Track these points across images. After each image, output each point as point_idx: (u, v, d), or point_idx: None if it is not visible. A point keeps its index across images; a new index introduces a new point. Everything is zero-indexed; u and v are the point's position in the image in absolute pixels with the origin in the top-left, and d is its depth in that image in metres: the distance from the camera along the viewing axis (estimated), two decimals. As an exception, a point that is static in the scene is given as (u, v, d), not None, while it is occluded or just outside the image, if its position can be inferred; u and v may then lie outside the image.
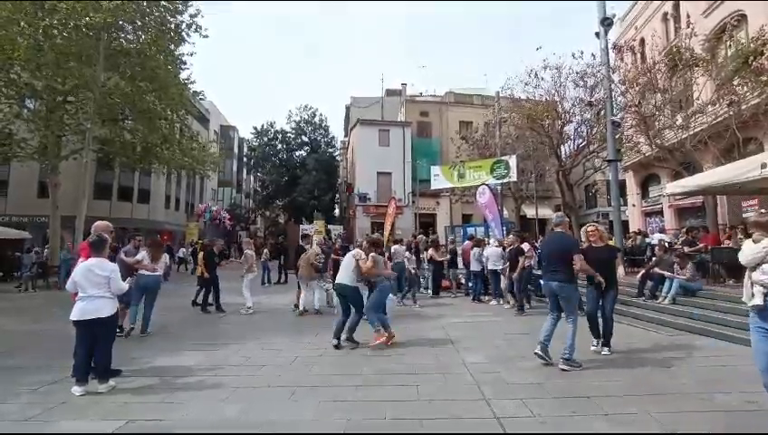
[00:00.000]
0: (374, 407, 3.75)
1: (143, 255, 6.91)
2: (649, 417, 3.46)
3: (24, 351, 5.84)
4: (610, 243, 5.48)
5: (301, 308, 8.85)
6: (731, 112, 10.99)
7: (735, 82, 11.04)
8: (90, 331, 4.18)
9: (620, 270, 9.20)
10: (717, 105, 11.52)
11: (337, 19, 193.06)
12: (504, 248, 9.85)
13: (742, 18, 12.77)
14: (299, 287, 9.36)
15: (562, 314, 5.04)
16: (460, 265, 11.82)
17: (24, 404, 3.85)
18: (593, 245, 5.65)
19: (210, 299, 9.27)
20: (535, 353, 4.95)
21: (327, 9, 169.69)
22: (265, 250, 16.55)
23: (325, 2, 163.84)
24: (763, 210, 4.18)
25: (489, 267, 9.95)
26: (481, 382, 4.38)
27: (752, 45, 10.79)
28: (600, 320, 5.48)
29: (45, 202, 17.47)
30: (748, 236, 3.72)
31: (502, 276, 9.75)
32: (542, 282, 5.95)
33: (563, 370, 4.68)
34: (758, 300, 3.18)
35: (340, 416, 3.54)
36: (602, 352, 5.39)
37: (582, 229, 6.02)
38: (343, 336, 5.97)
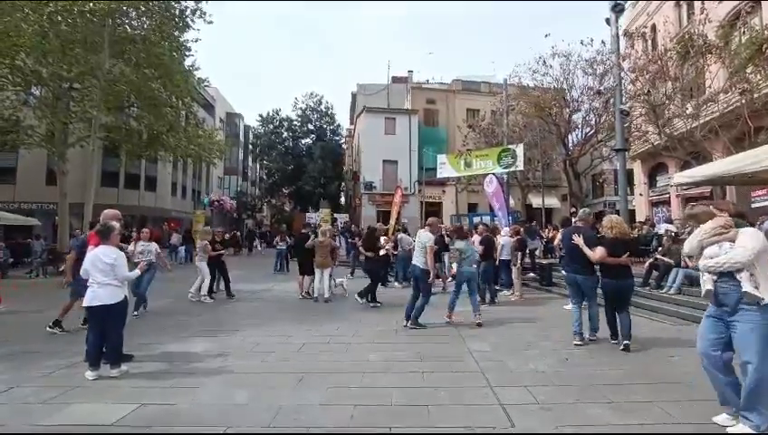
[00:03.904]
0: (380, 393, 3.82)
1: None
2: (653, 405, 3.49)
3: (37, 336, 5.95)
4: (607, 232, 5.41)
5: (315, 295, 8.99)
6: (743, 101, 10.81)
7: (748, 70, 10.83)
8: (99, 317, 4.27)
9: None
10: (729, 93, 11.33)
11: (343, 7, 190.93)
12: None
13: (756, 4, 12.47)
14: (302, 276, 9.49)
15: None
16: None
17: (39, 388, 3.94)
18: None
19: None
20: (576, 344, 5.34)
21: (333, 3, 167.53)
22: (276, 238, 16.92)
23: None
24: (692, 203, 4.10)
25: (502, 257, 9.81)
26: (486, 370, 4.43)
27: (766, 33, 10.55)
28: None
29: (53, 189, 17.61)
30: (751, 224, 3.69)
31: (513, 268, 9.71)
32: (563, 272, 6.34)
33: (592, 340, 5.39)
34: (708, 285, 3.13)
35: (347, 402, 3.60)
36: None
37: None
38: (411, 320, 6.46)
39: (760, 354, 2.84)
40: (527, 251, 11.52)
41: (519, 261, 9.59)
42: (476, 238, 8.92)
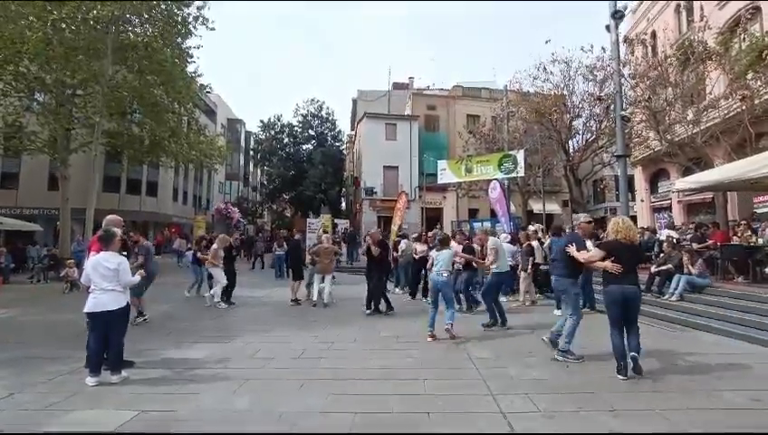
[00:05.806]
0: (381, 400, 3.80)
1: None
2: (655, 413, 3.47)
3: (38, 341, 5.95)
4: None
5: (314, 299, 9.08)
6: (743, 107, 10.83)
7: (749, 77, 10.87)
8: (101, 323, 4.26)
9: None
10: (730, 99, 11.35)
11: (343, 7, 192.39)
12: (515, 243, 9.80)
13: (756, 10, 12.52)
14: (294, 281, 9.64)
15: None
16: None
17: (40, 394, 3.94)
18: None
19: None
20: (542, 339, 5.48)
21: (334, 3, 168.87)
22: (274, 244, 16.94)
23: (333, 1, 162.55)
24: None
25: None
26: (487, 377, 4.41)
27: (766, 39, 10.60)
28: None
29: (56, 195, 17.66)
30: (753, 230, 3.69)
31: (524, 273, 9.51)
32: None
33: (555, 359, 4.92)
34: None
35: (348, 408, 3.59)
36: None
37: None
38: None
39: None
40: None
41: (530, 266, 9.40)
42: (456, 246, 8.00)
